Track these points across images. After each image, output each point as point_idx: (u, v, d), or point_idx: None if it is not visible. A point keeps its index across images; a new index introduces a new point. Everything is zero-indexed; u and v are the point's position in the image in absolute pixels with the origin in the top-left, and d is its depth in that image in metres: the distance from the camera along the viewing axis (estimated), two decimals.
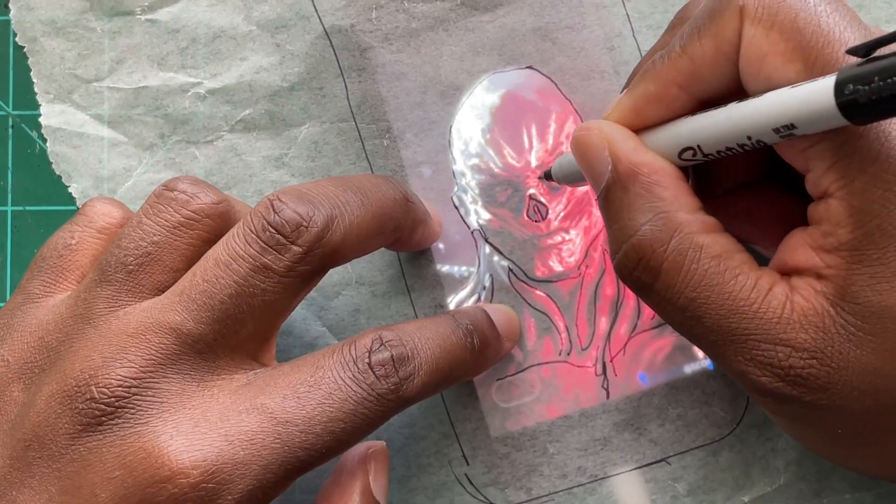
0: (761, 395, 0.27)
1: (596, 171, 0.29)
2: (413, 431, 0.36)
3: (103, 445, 0.27)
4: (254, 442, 0.27)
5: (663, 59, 0.28)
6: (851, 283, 0.24)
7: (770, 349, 0.25)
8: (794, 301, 0.25)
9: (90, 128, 0.38)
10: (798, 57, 0.24)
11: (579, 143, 0.29)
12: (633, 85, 0.29)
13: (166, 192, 0.30)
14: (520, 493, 0.36)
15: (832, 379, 0.25)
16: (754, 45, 0.25)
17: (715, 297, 0.26)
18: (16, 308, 0.31)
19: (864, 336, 0.24)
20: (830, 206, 0.25)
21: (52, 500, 0.26)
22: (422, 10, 0.37)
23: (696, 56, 0.27)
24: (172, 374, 0.28)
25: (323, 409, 0.27)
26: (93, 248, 0.31)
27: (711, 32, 0.26)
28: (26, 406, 0.28)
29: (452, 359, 0.31)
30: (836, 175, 0.24)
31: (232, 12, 0.37)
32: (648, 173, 0.27)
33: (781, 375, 0.25)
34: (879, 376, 0.24)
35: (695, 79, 0.27)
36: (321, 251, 0.28)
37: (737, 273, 0.26)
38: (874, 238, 0.24)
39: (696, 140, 0.27)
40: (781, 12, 0.25)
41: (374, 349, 0.29)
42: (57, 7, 0.38)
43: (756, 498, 0.36)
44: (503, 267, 0.37)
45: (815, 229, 0.26)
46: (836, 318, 0.25)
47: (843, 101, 0.22)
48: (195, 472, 0.26)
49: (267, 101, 0.37)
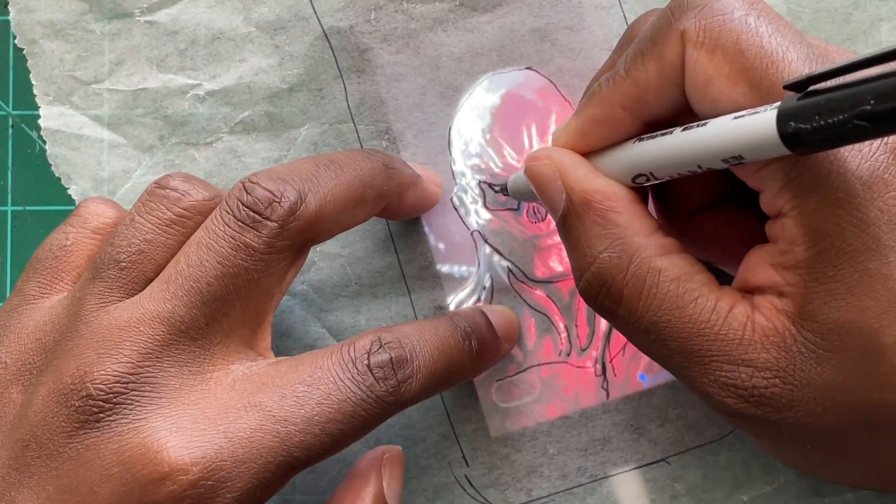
0: (729, 416, 0.27)
1: (551, 200, 0.29)
2: (413, 433, 0.36)
3: (101, 442, 0.27)
4: (253, 440, 0.27)
5: (608, 83, 0.28)
6: (809, 300, 0.24)
7: (733, 370, 0.25)
8: (756, 320, 0.25)
9: (89, 130, 0.38)
10: (743, 79, 0.24)
11: (532, 173, 0.30)
12: (579, 108, 0.29)
13: (158, 190, 0.30)
14: (520, 493, 0.36)
15: (796, 397, 0.25)
16: (698, 68, 0.25)
17: (676, 320, 0.26)
18: (12, 310, 0.31)
19: (824, 353, 0.24)
20: (786, 225, 0.25)
21: (51, 499, 0.27)
22: (421, 10, 0.37)
23: (640, 80, 0.27)
24: (168, 366, 0.28)
25: (321, 409, 0.28)
26: (88, 249, 0.32)
27: (654, 57, 0.26)
28: (24, 406, 0.28)
29: (450, 361, 0.31)
30: (788, 195, 0.24)
31: (231, 14, 0.37)
32: (602, 200, 0.27)
33: (745, 396, 0.25)
34: (841, 392, 0.24)
35: (640, 102, 0.27)
36: (297, 224, 0.29)
37: (696, 295, 0.26)
38: (829, 256, 0.24)
39: (647, 167, 0.27)
40: (723, 35, 0.25)
41: (373, 351, 0.29)
42: (56, 9, 0.38)
43: (756, 497, 0.36)
44: (503, 267, 0.37)
45: (772, 247, 0.25)
46: (797, 336, 0.25)
47: (786, 135, 0.22)
48: (195, 470, 0.26)
49: (266, 102, 0.37)
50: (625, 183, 0.28)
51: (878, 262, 0.23)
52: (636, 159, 0.27)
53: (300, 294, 0.37)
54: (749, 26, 0.25)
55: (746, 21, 0.25)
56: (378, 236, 0.37)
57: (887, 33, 0.36)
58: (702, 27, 0.25)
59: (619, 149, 0.28)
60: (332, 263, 0.37)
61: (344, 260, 0.37)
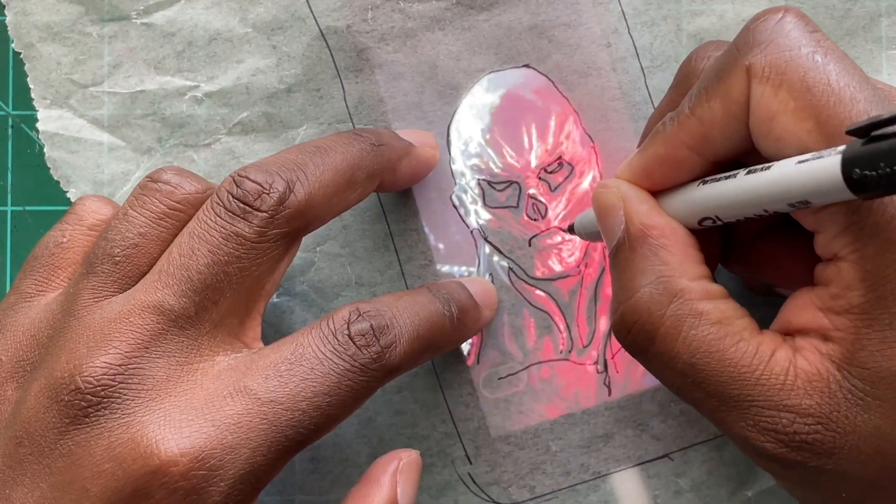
0: (766, 461, 0.26)
1: (609, 229, 0.29)
2: (416, 432, 0.36)
3: (91, 438, 0.27)
4: (240, 425, 0.27)
5: (673, 122, 0.28)
6: (860, 346, 0.24)
7: (774, 415, 0.25)
8: (798, 365, 0.25)
9: (88, 132, 0.38)
10: (809, 115, 0.24)
11: (597, 200, 0.30)
12: (644, 147, 0.29)
13: (151, 184, 0.31)
14: (523, 491, 0.36)
15: (838, 444, 0.24)
16: (763, 104, 0.25)
17: (715, 363, 0.26)
18: (9, 308, 0.31)
19: (871, 401, 0.24)
20: (841, 269, 0.24)
21: (45, 497, 0.27)
22: (417, 9, 0.37)
23: (705, 118, 0.27)
24: (157, 357, 0.28)
25: (306, 384, 0.28)
26: (84, 246, 0.32)
27: (720, 93, 0.26)
28: (18, 404, 0.28)
29: (432, 326, 0.31)
30: (848, 239, 0.24)
31: (227, 15, 0.37)
32: (658, 236, 0.27)
33: (786, 441, 0.25)
34: (886, 441, 0.24)
35: (706, 141, 0.27)
36: (287, 213, 0.29)
37: (738, 339, 0.26)
38: (887, 303, 0.24)
39: (713, 212, 0.27)
40: (790, 71, 0.25)
41: (352, 321, 0.29)
42: (53, 12, 0.38)
43: (760, 492, 0.36)
44: (503, 266, 0.37)
45: (823, 290, 0.25)
46: (843, 383, 0.24)
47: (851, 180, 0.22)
48: (184, 460, 0.26)
49: (264, 103, 0.37)
50: (691, 226, 0.28)
51: None
52: (701, 203, 0.27)
53: (300, 294, 0.37)
54: (816, 63, 0.24)
55: (814, 58, 0.25)
56: (378, 236, 0.37)
57: (887, 28, 0.36)
58: (768, 62, 0.25)
59: (684, 191, 0.28)
60: (332, 263, 0.37)
61: (344, 260, 0.37)
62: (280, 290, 0.37)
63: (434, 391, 0.37)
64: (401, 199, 0.37)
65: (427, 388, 0.37)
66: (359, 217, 0.37)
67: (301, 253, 0.37)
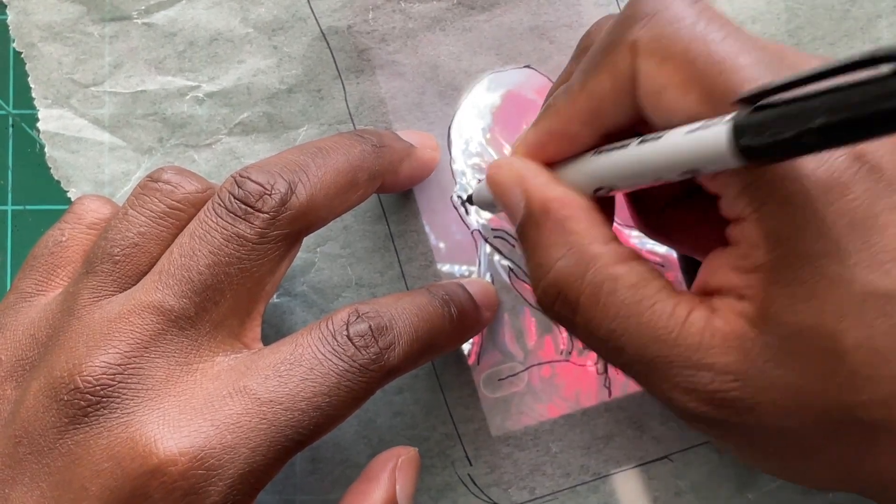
0: (693, 421, 0.26)
1: (511, 208, 0.29)
2: (416, 433, 0.36)
3: (90, 438, 0.27)
4: (240, 425, 0.27)
5: (564, 96, 0.28)
6: (770, 303, 0.24)
7: (693, 374, 0.25)
8: (715, 325, 0.25)
9: (88, 132, 0.38)
10: (694, 87, 0.24)
11: (492, 180, 0.29)
12: (537, 121, 0.29)
13: (151, 183, 0.31)
14: (523, 492, 0.36)
15: (756, 399, 0.24)
16: (649, 78, 0.25)
17: (634, 326, 0.26)
18: (9, 307, 0.31)
19: (784, 356, 0.24)
20: (745, 229, 0.24)
21: (44, 496, 0.27)
22: (418, 10, 0.37)
23: (594, 93, 0.27)
24: (157, 357, 0.28)
25: (305, 384, 0.28)
26: (83, 244, 0.32)
27: (607, 68, 0.26)
28: (17, 403, 0.28)
29: (432, 327, 0.31)
30: (747, 199, 0.24)
31: (228, 15, 0.37)
32: (559, 208, 0.27)
33: (707, 399, 0.25)
34: (802, 394, 0.24)
35: (596, 115, 0.27)
36: (289, 214, 0.29)
37: (653, 301, 0.26)
38: (789, 260, 0.24)
39: (606, 181, 0.27)
40: (673, 44, 0.25)
41: (351, 322, 0.29)
42: (54, 12, 0.38)
43: (761, 494, 0.36)
44: (504, 266, 0.37)
45: (733, 250, 0.25)
46: (757, 340, 0.24)
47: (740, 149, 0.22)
48: (183, 460, 0.26)
49: (265, 103, 0.37)
50: (587, 195, 0.28)
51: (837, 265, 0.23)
52: (594, 173, 0.27)
53: (300, 294, 0.37)
54: (697, 33, 0.24)
55: (695, 29, 0.24)
56: (378, 236, 0.37)
57: (885, 30, 0.36)
58: (652, 36, 0.25)
59: (578, 162, 0.28)
60: (333, 264, 0.37)
61: (344, 260, 0.37)
62: (280, 291, 0.37)
63: (434, 392, 0.37)
64: (401, 200, 0.37)
65: (427, 390, 0.37)
66: (359, 218, 0.37)
67: (301, 254, 0.37)
